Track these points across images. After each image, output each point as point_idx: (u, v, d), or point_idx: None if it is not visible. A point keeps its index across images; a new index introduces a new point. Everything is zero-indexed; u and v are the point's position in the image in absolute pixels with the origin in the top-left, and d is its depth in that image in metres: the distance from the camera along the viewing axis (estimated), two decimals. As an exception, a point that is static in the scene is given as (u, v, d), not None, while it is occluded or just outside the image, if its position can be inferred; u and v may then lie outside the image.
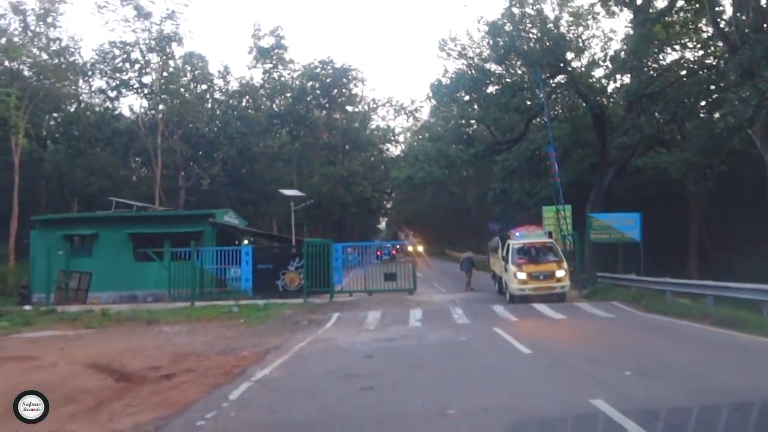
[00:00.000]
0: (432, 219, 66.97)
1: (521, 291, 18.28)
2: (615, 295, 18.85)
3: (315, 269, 21.07)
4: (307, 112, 44.04)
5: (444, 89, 33.34)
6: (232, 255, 21.63)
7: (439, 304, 19.07)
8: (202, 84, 46.55)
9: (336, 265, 21.40)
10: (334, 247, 21.57)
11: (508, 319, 15.13)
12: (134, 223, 24.00)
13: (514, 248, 19.25)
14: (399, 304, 19.27)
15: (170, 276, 21.32)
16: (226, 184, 47.69)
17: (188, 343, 13.23)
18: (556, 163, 23.13)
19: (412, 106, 46.22)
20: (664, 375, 7.69)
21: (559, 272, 18.44)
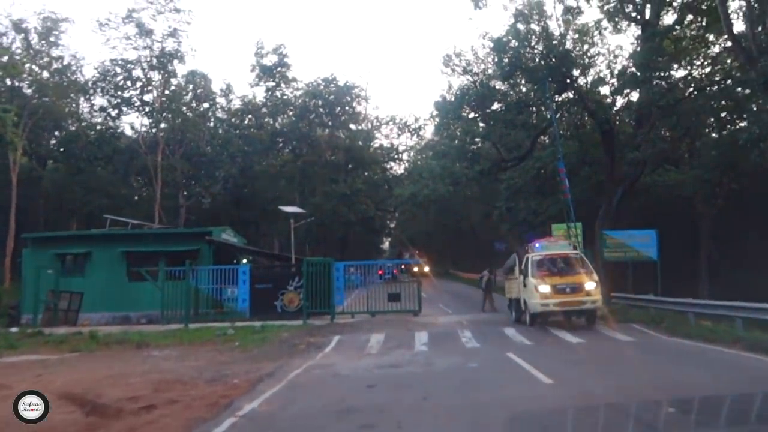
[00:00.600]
0: (436, 239, 65.82)
1: (544, 306, 15.76)
2: (633, 317, 17.70)
3: (315, 289, 20.02)
4: (309, 130, 43.29)
5: (448, 105, 32.51)
6: (229, 274, 20.59)
7: (446, 327, 17.94)
8: (204, 102, 45.98)
9: (337, 285, 20.34)
10: (336, 266, 20.52)
11: (521, 343, 14.00)
12: (128, 241, 23.02)
13: (534, 261, 16.89)
14: (403, 326, 18.17)
15: (163, 296, 20.28)
16: (227, 202, 46.86)
17: (176, 369, 12.16)
18: (566, 179, 22.15)
19: (416, 123, 45.47)
20: (711, 412, 6.57)
21: (588, 284, 15.80)
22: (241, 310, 20.28)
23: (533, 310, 16.15)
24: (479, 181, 34.03)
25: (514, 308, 18.99)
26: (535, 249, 17.62)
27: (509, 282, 20.49)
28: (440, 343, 14.36)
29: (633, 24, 31.01)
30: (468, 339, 14.84)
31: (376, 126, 47.88)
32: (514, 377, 9.50)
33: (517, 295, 18.27)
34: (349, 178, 43.38)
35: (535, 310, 16.03)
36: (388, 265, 28.64)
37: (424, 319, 19.72)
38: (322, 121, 43.84)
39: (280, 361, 12.87)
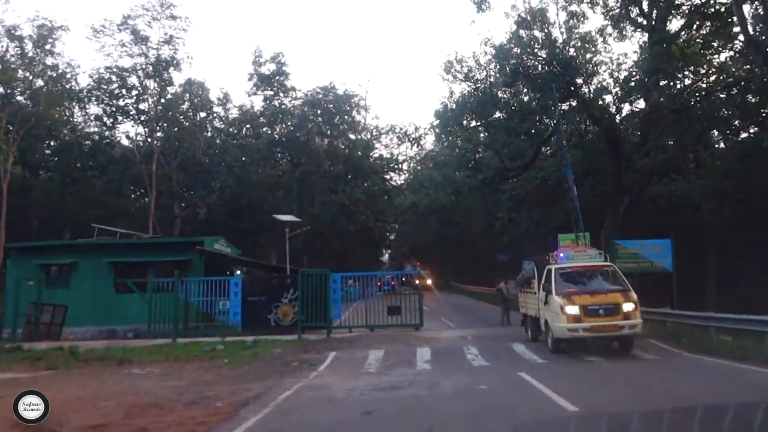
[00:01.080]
0: (436, 250, 64.69)
1: (572, 332, 12.81)
2: (649, 332, 16.49)
3: (311, 302, 18.84)
4: (308, 140, 42.26)
5: (449, 113, 31.52)
6: (220, 286, 19.40)
7: (450, 342, 16.75)
8: (201, 111, 45.03)
9: (334, 298, 19.14)
10: (333, 278, 19.34)
11: (532, 360, 12.82)
12: (116, 251, 21.88)
13: (559, 274, 14.16)
14: (404, 342, 16.99)
15: (151, 309, 19.10)
16: (224, 213, 45.75)
17: (155, 390, 10.99)
18: (574, 186, 21.04)
19: (416, 133, 44.43)
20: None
21: (626, 305, 12.93)
22: (232, 324, 19.09)
23: (558, 335, 13.28)
24: (481, 191, 32.96)
25: (530, 326, 16.60)
26: (559, 259, 15.02)
27: (525, 295, 17.94)
28: (444, 361, 13.20)
29: (638, 31, 30.13)
30: (474, 356, 13.67)
31: (375, 136, 46.89)
32: (532, 402, 8.34)
33: (535, 313, 15.75)
34: (348, 188, 42.27)
35: (561, 335, 13.16)
36: (387, 277, 27.48)
37: (426, 334, 18.53)
38: (321, 130, 42.82)
39: (270, 380, 11.72)
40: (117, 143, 42.77)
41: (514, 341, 15.83)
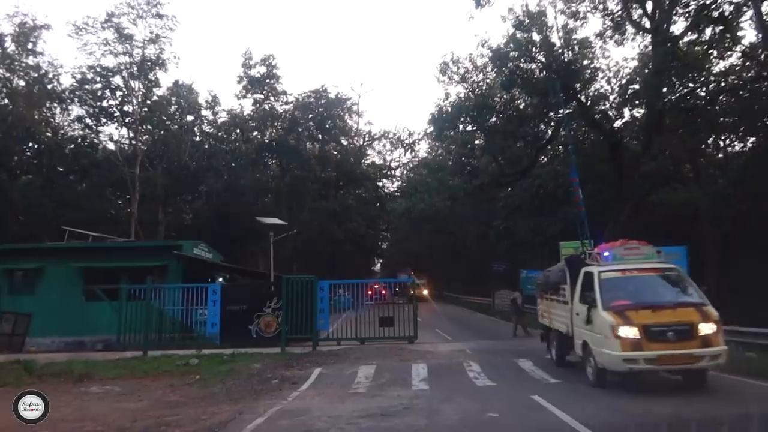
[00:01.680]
0: (429, 260, 63.06)
1: (631, 363, 9.27)
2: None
3: (295, 312, 17.18)
4: (298, 144, 40.66)
5: (445, 116, 30.05)
6: (198, 294, 17.70)
7: (448, 357, 15.12)
8: (189, 115, 43.35)
9: (321, 307, 17.49)
10: (320, 285, 17.69)
11: (543, 379, 11.22)
12: (86, 256, 20.09)
13: (605, 280, 10.42)
14: (397, 356, 15.36)
15: (121, 319, 17.39)
16: (211, 219, 44.02)
17: (105, 415, 9.33)
18: (580, 190, 19.55)
19: (410, 139, 42.92)
20: None
21: (704, 326, 9.32)
22: (210, 336, 17.38)
23: (609, 365, 9.64)
24: (477, 197, 31.49)
25: (555, 344, 13.03)
26: (603, 259, 11.21)
27: (548, 303, 14.09)
28: (443, 379, 11.59)
29: (640, 34, 28.79)
30: (477, 374, 12.05)
31: (368, 141, 45.38)
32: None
33: (565, 329, 11.99)
34: (339, 195, 40.66)
35: (613, 366, 9.54)
36: (376, 287, 25.88)
37: (422, 347, 16.89)
38: (312, 135, 41.26)
39: (243, 402, 10.09)
40: (100, 146, 40.95)
41: (518, 356, 14.21)
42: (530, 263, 36.83)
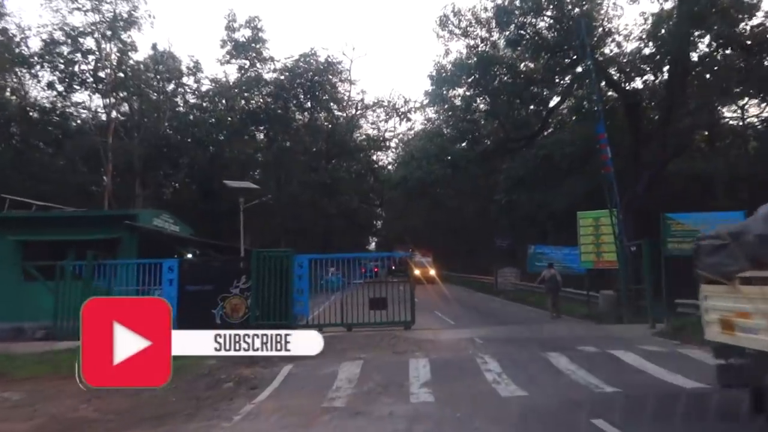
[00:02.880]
0: (426, 237, 59.84)
1: None
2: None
3: (269, 293, 13.93)
4: (286, 113, 37.04)
5: (445, 75, 26.59)
6: (151, 271, 14.41)
7: (454, 348, 11.91)
8: (169, 82, 39.64)
9: (300, 287, 14.26)
10: (297, 261, 14.42)
11: (596, 387, 7.99)
12: (26, 228, 16.79)
13: None
14: (391, 347, 12.18)
15: (57, 302, 14.13)
16: (193, 193, 40.65)
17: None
18: (608, 147, 16.24)
19: (406, 107, 39.33)
20: None
21: None
22: (165, 322, 14.09)
23: None
24: (480, 165, 28.11)
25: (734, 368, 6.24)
26: None
27: (729, 288, 6.30)
28: (453, 384, 8.42)
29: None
30: (497, 375, 8.85)
31: (361, 111, 41.74)
32: None
33: None
34: (330, 167, 37.20)
35: None
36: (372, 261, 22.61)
37: (420, 335, 13.67)
38: (301, 103, 37.62)
39: (170, 424, 6.87)
40: (72, 114, 37.31)
41: (545, 348, 10.96)
42: (534, 239, 33.78)
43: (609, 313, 16.21)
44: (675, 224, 14.13)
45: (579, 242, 19.41)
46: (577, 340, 11.99)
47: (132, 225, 16.05)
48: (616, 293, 16.29)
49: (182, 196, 39.81)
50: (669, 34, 22.88)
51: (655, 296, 14.76)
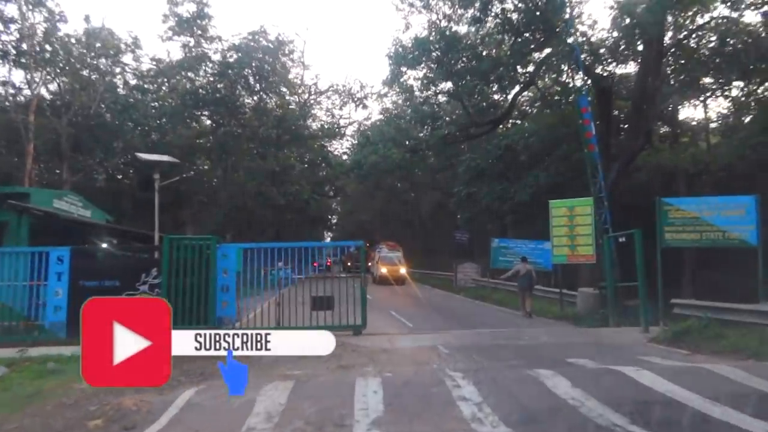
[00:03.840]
0: (381, 232, 57.38)
1: None
2: (727, 343, 9.66)
3: (185, 290, 10.99)
4: (232, 93, 33.71)
5: (405, 52, 23.98)
6: (37, 263, 11.27)
7: (414, 361, 9.30)
8: (105, 59, 35.73)
9: (225, 283, 11.38)
10: (222, 251, 11.53)
11: (620, 428, 5.46)
12: None
13: None
14: (335, 359, 9.45)
15: None
16: (131, 181, 36.93)
17: None
18: (592, 123, 13.95)
19: (362, 92, 36.51)
20: None
21: None
22: (51, 325, 11.05)
23: None
24: (443, 149, 25.63)
25: None
26: None
27: None
28: (415, 421, 5.77)
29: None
30: (474, 405, 6.25)
31: (315, 96, 38.67)
32: None
33: None
34: (280, 155, 34.09)
35: None
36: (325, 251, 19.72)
37: (372, 342, 11.02)
38: (249, 84, 34.35)
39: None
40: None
41: (532, 364, 8.41)
42: (494, 233, 31.72)
43: (589, 314, 13.95)
44: (674, 210, 11.86)
45: (551, 234, 17.18)
46: (566, 349, 9.59)
47: (19, 206, 12.79)
48: (599, 291, 14.02)
49: (117, 184, 36.12)
50: (645, 12, 20.90)
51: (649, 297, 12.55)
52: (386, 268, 30.89)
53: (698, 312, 11.05)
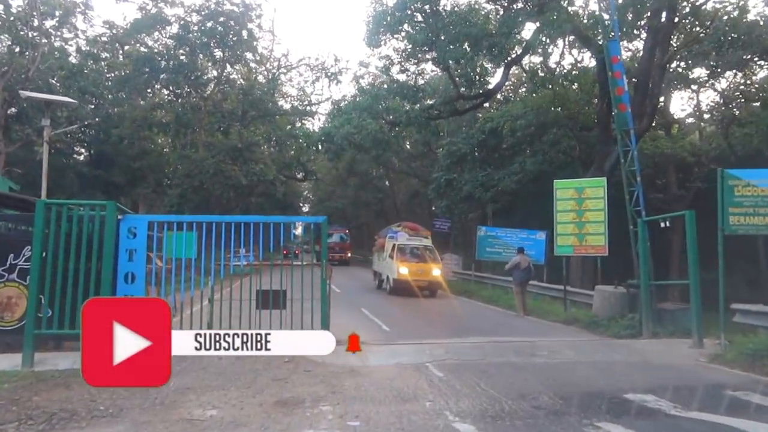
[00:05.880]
0: (354, 220, 54.06)
1: None
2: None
3: (64, 280, 7.52)
4: (191, 60, 29.87)
5: (384, 13, 20.67)
6: None
7: (397, 394, 6.05)
8: (50, 19, 31.55)
9: (130, 270, 7.95)
10: (127, 223, 8.09)
11: None
12: None
13: None
14: (279, 387, 6.22)
15: None
16: (81, 155, 33.04)
17: None
18: (624, 78, 10.88)
19: (336, 66, 32.99)
20: None
21: None
22: None
23: None
24: (426, 126, 22.38)
25: None
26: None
27: None
28: None
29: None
30: None
31: (285, 71, 34.97)
32: None
33: None
34: (244, 130, 30.44)
35: None
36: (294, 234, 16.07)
37: (335, 358, 7.65)
38: (211, 53, 30.54)
39: None
40: None
41: (566, 395, 5.33)
42: (474, 223, 28.93)
43: (610, 318, 10.94)
44: (742, 186, 8.81)
45: (555, 221, 14.17)
46: (608, 374, 6.63)
47: None
48: (627, 290, 10.98)
49: (63, 159, 32.04)
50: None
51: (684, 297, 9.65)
52: (408, 267, 18.29)
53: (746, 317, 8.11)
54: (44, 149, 12.33)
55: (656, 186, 27.44)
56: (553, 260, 17.77)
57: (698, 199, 23.04)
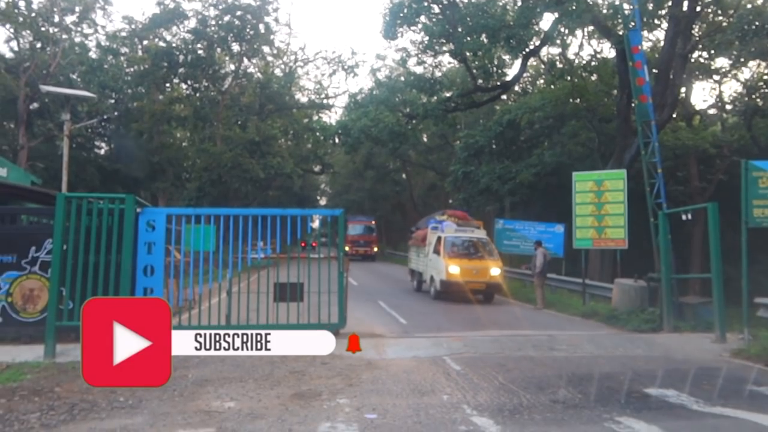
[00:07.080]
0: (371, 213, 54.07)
1: None
2: None
3: (91, 270, 7.62)
4: (209, 55, 30.02)
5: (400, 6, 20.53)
6: None
7: (413, 388, 6.03)
8: (71, 14, 31.90)
9: (148, 263, 8.04)
10: (147, 217, 8.16)
11: None
12: None
13: None
14: (295, 381, 6.22)
15: None
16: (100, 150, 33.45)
17: None
18: (645, 68, 10.68)
19: (353, 59, 32.91)
20: None
21: None
22: None
23: None
24: (443, 119, 22.21)
25: None
26: None
27: None
28: None
29: None
30: None
31: (301, 64, 34.99)
32: None
33: None
34: (261, 124, 30.55)
35: None
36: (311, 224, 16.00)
37: (353, 354, 7.68)
38: (228, 45, 30.67)
39: None
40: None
41: (586, 388, 5.26)
42: (491, 216, 28.74)
43: (630, 312, 10.79)
44: (766, 178, 8.58)
45: (574, 213, 14.01)
46: (629, 369, 6.47)
47: None
48: (648, 284, 10.83)
49: (83, 153, 32.46)
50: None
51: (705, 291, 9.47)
52: (460, 265, 15.14)
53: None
54: (65, 143, 12.46)
55: (677, 178, 26.93)
56: (571, 253, 17.61)
57: (720, 191, 22.64)
